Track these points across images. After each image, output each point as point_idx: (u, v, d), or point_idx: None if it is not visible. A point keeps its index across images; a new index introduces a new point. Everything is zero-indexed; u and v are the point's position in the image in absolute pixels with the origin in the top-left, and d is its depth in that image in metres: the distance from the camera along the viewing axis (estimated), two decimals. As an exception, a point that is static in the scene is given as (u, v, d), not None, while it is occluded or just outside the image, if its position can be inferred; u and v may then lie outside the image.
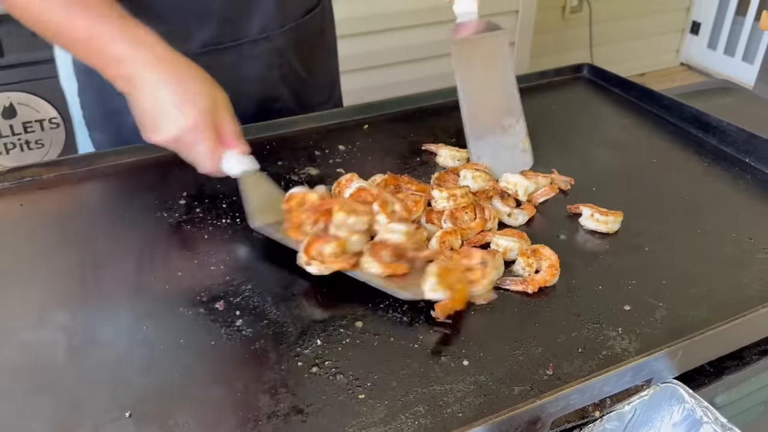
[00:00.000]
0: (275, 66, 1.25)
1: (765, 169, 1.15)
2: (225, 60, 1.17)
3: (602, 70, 1.48)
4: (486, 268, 0.86)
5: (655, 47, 4.71)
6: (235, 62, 1.19)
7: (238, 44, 1.18)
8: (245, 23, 1.17)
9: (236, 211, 1.02)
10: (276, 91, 1.28)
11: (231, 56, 1.18)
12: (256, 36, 1.19)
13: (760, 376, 0.84)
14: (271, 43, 1.22)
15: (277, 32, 1.22)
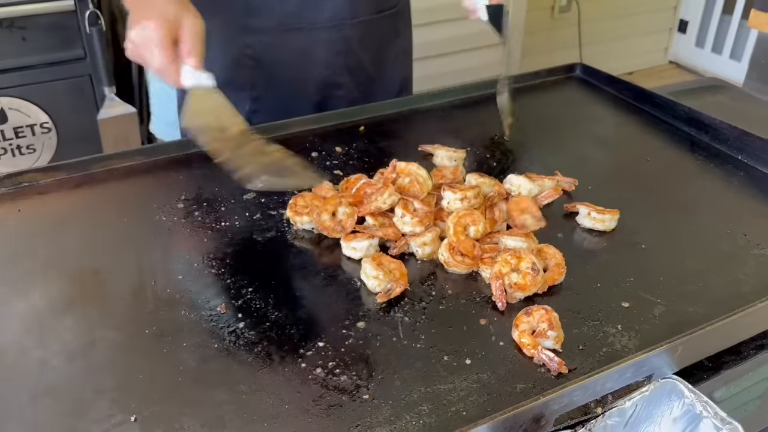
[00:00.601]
0: (341, 54, 1.31)
1: (757, 166, 1.16)
2: (296, 40, 1.26)
3: (595, 70, 1.49)
4: None
5: (644, 46, 4.74)
6: (304, 44, 1.27)
7: (309, 28, 1.26)
8: (318, 7, 1.25)
9: (234, 214, 1.02)
10: (340, 79, 1.34)
11: (301, 37, 1.27)
12: (326, 23, 1.27)
13: (758, 370, 0.85)
14: (340, 33, 1.29)
15: (347, 23, 1.29)
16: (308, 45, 1.27)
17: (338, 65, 1.32)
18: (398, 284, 0.85)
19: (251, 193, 1.07)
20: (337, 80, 1.33)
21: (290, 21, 1.24)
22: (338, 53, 1.30)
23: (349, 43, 1.31)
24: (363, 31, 1.32)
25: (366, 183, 0.99)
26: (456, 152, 1.14)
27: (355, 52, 1.32)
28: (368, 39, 1.33)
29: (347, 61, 1.32)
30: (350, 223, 0.94)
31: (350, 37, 1.30)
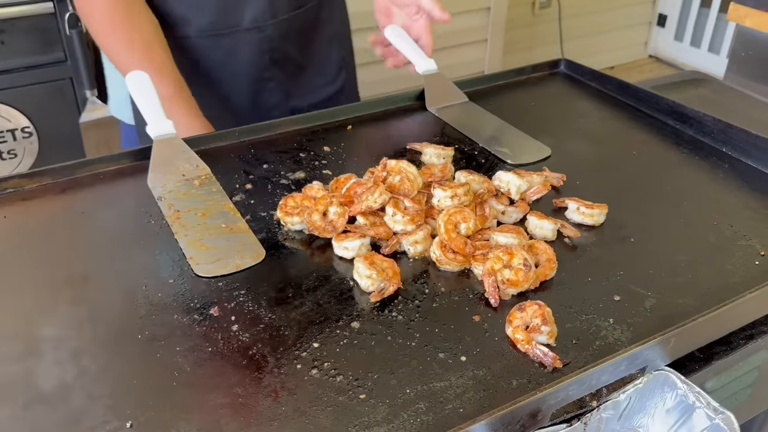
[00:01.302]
0: (266, 51, 1.37)
1: (741, 157, 1.18)
2: (219, 44, 1.33)
3: (579, 65, 1.50)
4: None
5: (624, 40, 4.78)
6: (229, 47, 1.34)
7: (231, 32, 1.33)
8: (238, 14, 1.31)
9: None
10: (268, 74, 1.40)
11: (224, 41, 1.33)
12: (248, 26, 1.33)
13: (748, 359, 0.86)
14: (262, 33, 1.35)
15: (268, 23, 1.35)
16: (232, 48, 1.34)
17: (264, 63, 1.38)
18: (391, 283, 0.86)
19: (240, 194, 1.07)
20: (266, 75, 1.40)
21: (211, 28, 1.31)
22: (263, 52, 1.37)
23: (273, 42, 1.37)
24: (285, 29, 1.37)
25: (356, 182, 0.99)
26: (444, 150, 1.14)
27: (280, 48, 1.39)
28: (292, 34, 1.39)
29: (273, 57, 1.39)
30: (341, 223, 0.94)
31: (273, 36, 1.36)
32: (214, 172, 1.10)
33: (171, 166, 1.09)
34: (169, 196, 1.04)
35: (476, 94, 1.41)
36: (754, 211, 1.04)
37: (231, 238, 0.96)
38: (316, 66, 1.47)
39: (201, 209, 1.01)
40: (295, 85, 1.44)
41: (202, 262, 0.91)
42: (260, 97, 1.41)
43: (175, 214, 1.00)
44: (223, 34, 1.32)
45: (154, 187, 1.06)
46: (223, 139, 1.21)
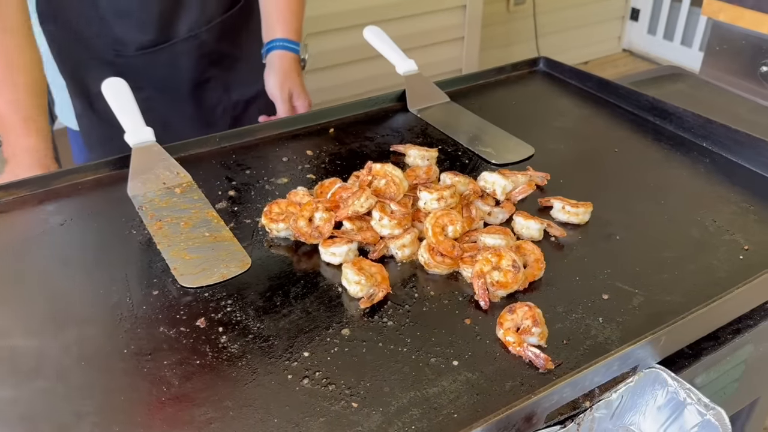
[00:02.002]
0: (205, 55, 1.42)
1: (722, 152, 1.19)
2: (159, 57, 1.37)
3: (558, 63, 1.51)
4: None
5: (598, 35, 4.82)
6: (169, 58, 1.38)
7: (170, 44, 1.37)
8: (175, 27, 1.36)
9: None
10: (208, 74, 1.45)
11: (165, 54, 1.37)
12: (185, 35, 1.37)
13: (735, 354, 0.87)
14: (198, 40, 1.39)
15: (203, 30, 1.39)
16: (171, 58, 1.38)
17: (203, 65, 1.42)
18: (380, 288, 0.85)
19: (223, 201, 1.05)
20: (205, 76, 1.44)
21: (152, 45, 1.36)
22: (201, 56, 1.41)
23: (209, 45, 1.41)
24: (218, 31, 1.41)
25: (341, 187, 0.98)
26: (428, 151, 1.14)
27: (215, 49, 1.42)
28: (224, 34, 1.43)
29: (210, 59, 1.43)
30: (327, 229, 0.93)
31: (208, 40, 1.40)
32: (195, 179, 1.09)
33: (151, 174, 1.07)
34: (149, 206, 1.02)
35: (457, 94, 1.41)
36: (736, 206, 1.05)
37: (215, 247, 0.94)
38: (249, 56, 1.50)
39: (183, 218, 1.00)
40: (232, 78, 1.48)
41: (187, 272, 0.89)
42: (203, 97, 1.45)
43: (157, 224, 0.98)
44: (161, 48, 1.36)
45: (134, 196, 1.04)
46: (203, 145, 1.20)
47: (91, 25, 1.32)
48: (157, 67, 1.38)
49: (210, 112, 1.48)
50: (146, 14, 1.32)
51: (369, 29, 1.41)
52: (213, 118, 1.49)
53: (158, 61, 1.37)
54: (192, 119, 1.46)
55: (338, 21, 3.06)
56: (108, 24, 1.32)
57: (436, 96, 1.36)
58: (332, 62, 3.11)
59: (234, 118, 1.51)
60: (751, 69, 1.74)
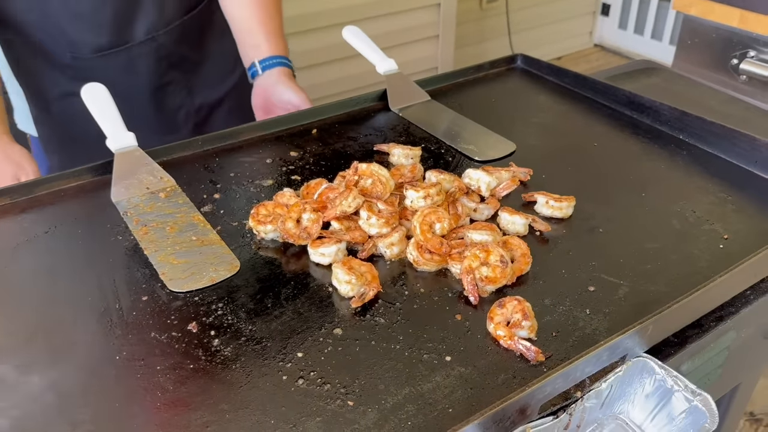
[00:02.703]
0: (164, 58, 1.38)
1: (698, 144, 1.21)
2: (117, 60, 1.34)
3: (536, 60, 1.53)
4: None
5: (570, 31, 4.88)
6: (126, 61, 1.35)
7: (126, 47, 1.33)
8: (132, 29, 1.33)
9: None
10: (167, 77, 1.41)
11: (122, 56, 1.34)
12: (143, 38, 1.34)
13: (718, 341, 0.89)
14: (157, 42, 1.36)
15: (161, 32, 1.36)
16: (129, 61, 1.35)
17: (162, 69, 1.39)
18: (371, 287, 0.85)
19: (208, 205, 1.05)
20: (166, 80, 1.41)
21: (106, 46, 1.32)
22: (160, 59, 1.38)
23: (168, 48, 1.38)
24: (178, 34, 1.38)
25: (328, 187, 0.99)
26: (412, 149, 1.15)
27: (175, 52, 1.39)
28: (184, 36, 1.40)
29: (170, 62, 1.39)
30: (316, 229, 0.93)
31: (166, 43, 1.37)
32: (179, 183, 1.08)
33: (134, 179, 1.07)
34: (134, 211, 1.02)
35: (437, 92, 1.42)
36: (714, 196, 1.08)
37: (203, 251, 0.94)
38: (212, 59, 1.48)
39: (169, 222, 0.99)
40: (195, 81, 1.46)
41: (175, 277, 0.89)
42: (164, 101, 1.42)
43: (143, 229, 0.98)
44: (118, 51, 1.33)
45: (118, 202, 1.03)
46: (186, 148, 1.19)
47: (46, 28, 1.29)
48: (115, 71, 1.34)
49: (171, 117, 1.45)
50: (101, 16, 1.29)
51: (348, 29, 1.41)
52: (175, 122, 1.46)
53: (116, 65, 1.34)
54: (153, 124, 1.43)
55: (312, 21, 3.05)
56: (62, 26, 1.28)
57: (416, 95, 1.37)
58: (309, 62, 3.11)
59: (197, 124, 1.48)
60: (722, 62, 1.78)
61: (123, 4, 1.29)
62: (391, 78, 1.36)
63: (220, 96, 1.49)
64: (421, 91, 1.38)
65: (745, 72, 1.72)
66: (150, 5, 1.32)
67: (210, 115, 1.50)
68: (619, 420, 0.83)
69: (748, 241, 0.97)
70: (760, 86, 1.72)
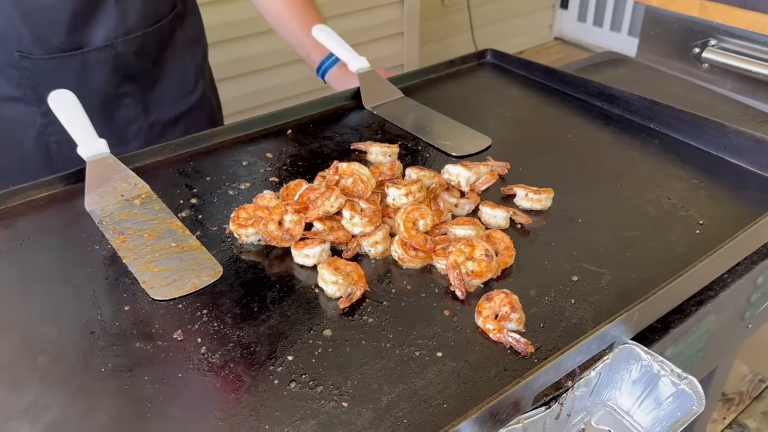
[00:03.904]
0: (119, 68, 1.32)
1: (669, 132, 1.24)
2: (70, 64, 1.26)
3: (505, 54, 1.54)
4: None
5: (530, 25, 4.93)
6: (81, 66, 1.27)
7: (82, 52, 1.26)
8: (90, 33, 1.26)
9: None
10: (123, 89, 1.34)
11: (75, 61, 1.26)
12: (100, 44, 1.27)
13: (699, 324, 0.90)
14: (115, 51, 1.29)
15: (120, 41, 1.29)
16: (83, 67, 1.28)
17: (117, 80, 1.32)
18: (358, 287, 0.85)
19: (186, 210, 1.03)
20: (121, 92, 1.34)
21: (61, 47, 1.24)
22: (115, 69, 1.31)
23: (126, 58, 1.32)
24: (138, 45, 1.33)
25: (309, 188, 0.98)
26: (389, 147, 1.14)
27: (133, 64, 1.33)
28: (145, 49, 1.34)
29: (126, 73, 1.33)
30: (298, 231, 0.92)
31: (125, 53, 1.31)
32: (154, 190, 1.07)
33: (108, 186, 1.04)
34: (110, 219, 0.99)
35: (409, 89, 1.42)
36: (687, 182, 1.10)
37: (184, 257, 0.93)
38: (172, 76, 1.42)
39: (146, 230, 0.97)
40: (151, 97, 1.40)
41: (157, 285, 0.88)
42: (116, 114, 1.35)
43: (120, 238, 0.96)
44: (73, 54, 1.25)
45: (92, 210, 1.01)
46: (159, 153, 1.17)
47: None
48: (66, 76, 1.26)
49: (121, 131, 1.37)
50: (58, 14, 1.20)
51: (318, 28, 1.41)
52: (125, 137, 1.38)
53: (68, 70, 1.26)
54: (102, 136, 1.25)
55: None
56: (12, 20, 1.18)
57: (389, 92, 1.37)
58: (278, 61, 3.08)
59: (148, 139, 1.41)
60: (684, 51, 1.82)
61: (83, 4, 1.23)
62: (363, 76, 1.35)
63: (176, 114, 1.44)
64: (394, 88, 1.38)
65: (707, 60, 1.76)
66: (112, 10, 1.26)
67: (163, 133, 1.43)
68: (607, 407, 0.84)
69: (723, 226, 0.99)
70: (722, 74, 1.76)
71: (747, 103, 1.53)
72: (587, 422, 0.83)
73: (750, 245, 0.95)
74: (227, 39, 2.91)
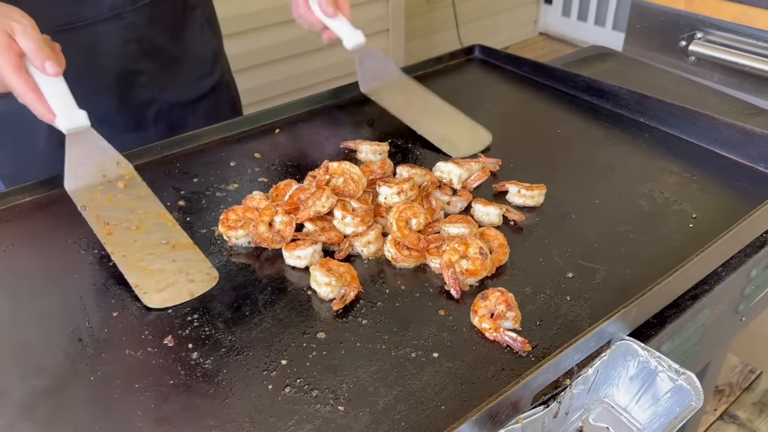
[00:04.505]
0: (131, 41, 1.24)
1: (659, 126, 1.23)
2: (78, 38, 1.18)
3: (493, 50, 1.53)
4: None
5: (515, 20, 4.93)
6: (89, 39, 1.20)
7: (89, 23, 1.18)
8: (96, 2, 1.18)
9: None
10: (136, 65, 1.27)
11: (84, 34, 1.19)
12: (108, 14, 1.20)
13: (694, 319, 0.90)
14: (124, 21, 1.22)
15: (129, 9, 1.22)
16: (92, 40, 1.21)
17: (130, 53, 1.26)
18: (351, 288, 0.84)
19: (174, 212, 1.01)
20: (135, 68, 1.28)
21: (66, 20, 1.17)
22: (127, 42, 1.24)
23: (137, 30, 1.24)
24: (149, 15, 1.26)
25: (299, 188, 0.97)
26: (380, 145, 1.13)
27: (147, 36, 1.27)
28: (158, 21, 1.28)
29: (141, 47, 1.26)
30: (289, 232, 0.91)
31: (136, 23, 1.24)
32: (141, 192, 1.04)
33: (89, 165, 0.98)
34: (93, 205, 0.95)
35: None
36: (678, 176, 1.10)
37: (176, 257, 0.90)
38: (191, 57, 1.37)
39: (134, 221, 0.94)
40: (169, 78, 1.34)
41: (150, 290, 0.85)
42: (131, 93, 1.29)
43: (106, 228, 0.92)
44: (79, 26, 1.18)
45: (73, 191, 0.97)
46: (145, 155, 1.15)
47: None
48: (77, 51, 1.14)
49: (139, 113, 1.33)
50: None
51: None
52: (143, 119, 1.34)
53: (74, 43, 1.15)
54: (119, 118, 1.30)
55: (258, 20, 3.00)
56: None
57: (387, 69, 1.29)
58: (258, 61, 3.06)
59: (170, 126, 1.37)
60: (671, 44, 1.82)
61: None
62: (359, 53, 1.25)
63: (196, 96, 1.39)
64: (392, 65, 1.30)
65: (693, 53, 1.76)
66: None
67: (184, 117, 1.38)
68: (604, 404, 0.84)
69: (716, 219, 0.99)
70: (709, 66, 1.77)
71: (734, 95, 1.54)
72: (585, 420, 0.82)
73: (744, 238, 0.95)
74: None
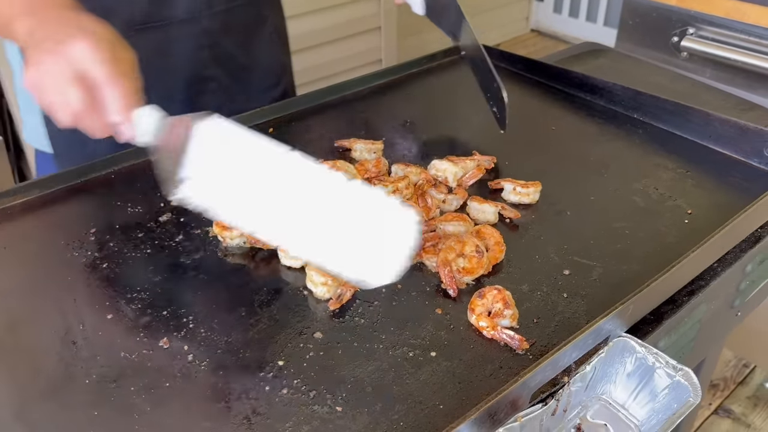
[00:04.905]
0: (205, 47, 1.24)
1: (653, 122, 1.23)
2: (151, 39, 1.17)
3: (487, 47, 1.52)
4: None
5: (507, 17, 4.93)
6: (161, 42, 1.19)
7: (163, 25, 1.18)
8: (172, 4, 1.18)
9: (154, 239, 0.95)
10: (208, 72, 1.27)
11: (158, 35, 1.18)
12: (183, 17, 1.19)
13: (691, 315, 0.90)
14: (199, 25, 1.22)
15: (205, 14, 1.21)
16: (165, 43, 1.20)
17: (203, 59, 1.25)
18: (348, 287, 0.83)
19: (167, 213, 1.01)
20: (206, 74, 1.27)
21: (140, 21, 1.16)
22: (200, 47, 1.24)
23: (211, 36, 1.24)
24: (224, 22, 1.26)
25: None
26: (374, 144, 1.13)
27: (220, 43, 1.26)
28: (232, 28, 1.28)
29: (213, 53, 1.26)
30: None
31: (211, 29, 1.24)
32: (133, 193, 1.04)
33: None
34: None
35: (390, 84, 1.41)
36: (673, 172, 1.10)
37: None
38: (260, 67, 1.37)
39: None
40: (238, 87, 1.33)
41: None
42: (200, 99, 1.28)
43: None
44: (155, 27, 1.17)
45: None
46: (138, 155, 1.14)
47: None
48: (150, 51, 1.14)
49: None
50: None
51: None
52: None
53: (151, 43, 1.17)
54: None
55: None
56: None
57: None
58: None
59: None
60: (663, 40, 1.82)
61: None
62: None
63: (258, 107, 1.34)
64: None
65: (685, 49, 1.76)
66: None
67: None
68: (602, 401, 0.84)
69: (711, 215, 0.99)
70: (701, 62, 1.77)
71: (727, 90, 1.54)
72: (583, 417, 0.82)
73: (739, 234, 0.95)
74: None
